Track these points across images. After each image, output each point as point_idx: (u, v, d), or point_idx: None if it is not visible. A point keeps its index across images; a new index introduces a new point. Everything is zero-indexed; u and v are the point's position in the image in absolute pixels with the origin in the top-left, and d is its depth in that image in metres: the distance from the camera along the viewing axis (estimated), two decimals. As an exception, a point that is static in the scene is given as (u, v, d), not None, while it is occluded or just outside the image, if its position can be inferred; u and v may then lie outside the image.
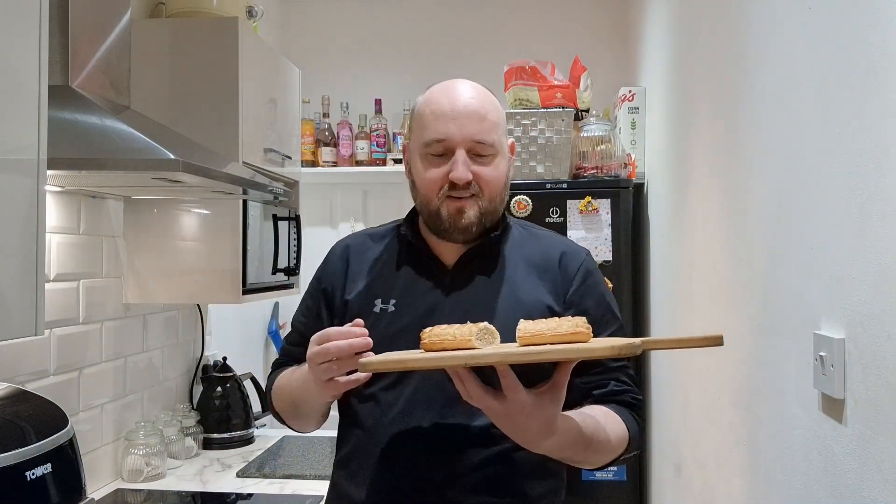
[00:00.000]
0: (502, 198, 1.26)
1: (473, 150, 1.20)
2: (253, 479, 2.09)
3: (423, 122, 1.23)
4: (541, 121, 2.79)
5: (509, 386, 0.96)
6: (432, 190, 1.21)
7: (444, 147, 1.20)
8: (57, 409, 1.24)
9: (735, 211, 1.68)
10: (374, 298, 1.25)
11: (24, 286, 1.13)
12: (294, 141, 2.65)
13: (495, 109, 1.24)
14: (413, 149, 1.27)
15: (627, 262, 2.73)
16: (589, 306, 1.24)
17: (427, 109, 1.23)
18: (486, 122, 1.21)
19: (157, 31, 2.16)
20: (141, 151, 1.46)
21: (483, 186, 1.21)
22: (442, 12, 3.53)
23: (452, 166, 1.19)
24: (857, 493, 1.06)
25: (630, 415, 1.21)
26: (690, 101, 2.16)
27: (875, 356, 1.01)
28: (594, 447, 1.11)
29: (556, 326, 0.96)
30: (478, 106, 1.22)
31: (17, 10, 1.14)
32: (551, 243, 1.32)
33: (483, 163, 1.21)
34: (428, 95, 1.26)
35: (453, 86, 1.25)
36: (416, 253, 1.28)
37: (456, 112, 1.20)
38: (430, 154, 1.21)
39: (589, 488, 2.72)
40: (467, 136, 1.19)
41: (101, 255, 2.03)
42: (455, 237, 1.23)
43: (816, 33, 1.21)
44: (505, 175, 1.25)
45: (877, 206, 1.01)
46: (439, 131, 1.20)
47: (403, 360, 0.99)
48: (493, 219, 1.25)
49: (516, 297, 1.23)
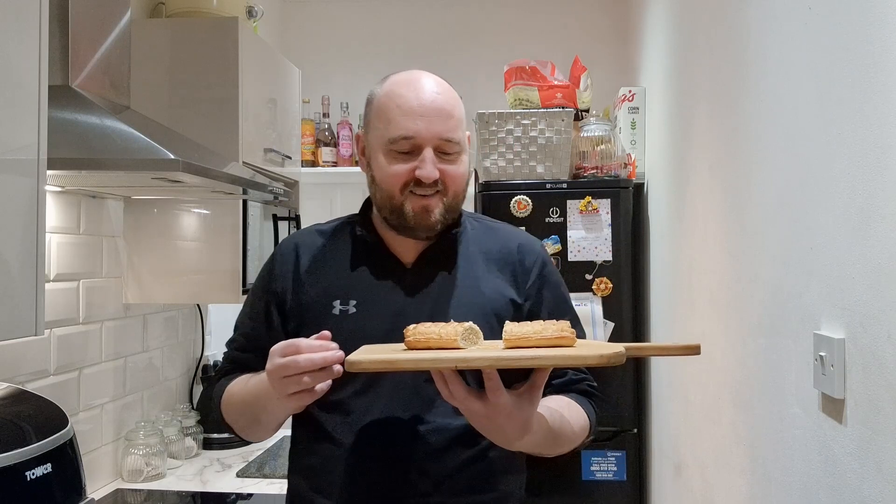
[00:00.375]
0: (465, 194, 1.25)
1: (440, 149, 1.18)
2: (253, 479, 2.09)
3: (387, 116, 1.19)
4: (541, 121, 2.79)
5: (493, 388, 0.95)
6: (396, 186, 1.18)
7: (411, 144, 1.17)
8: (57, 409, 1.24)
9: (735, 211, 1.68)
10: (332, 300, 1.21)
11: (24, 286, 1.13)
12: (294, 141, 2.65)
13: (459, 105, 1.23)
14: (374, 143, 1.22)
15: (627, 262, 2.73)
16: (546, 297, 1.27)
17: (392, 103, 1.19)
18: (452, 119, 1.19)
19: (157, 31, 2.16)
20: (141, 151, 1.46)
21: (448, 184, 1.19)
22: (442, 12, 3.53)
23: (420, 164, 1.16)
24: (857, 493, 1.06)
25: (588, 403, 1.24)
26: (690, 101, 2.16)
27: (875, 356, 1.01)
28: (560, 440, 1.13)
29: (542, 330, 0.97)
30: (444, 102, 1.19)
31: (17, 10, 1.14)
32: (507, 236, 1.32)
33: (449, 160, 1.19)
34: (391, 88, 1.22)
35: (418, 80, 1.21)
36: (372, 251, 1.25)
37: (424, 108, 1.17)
38: (395, 150, 1.18)
39: (589, 488, 2.72)
40: (435, 134, 1.16)
41: (101, 255, 2.03)
42: (419, 234, 1.21)
43: (816, 33, 1.21)
44: (468, 171, 1.25)
45: (877, 206, 1.01)
46: (408, 128, 1.16)
47: (393, 360, 0.95)
48: (454, 215, 1.24)
49: (479, 292, 1.22)
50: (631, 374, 2.74)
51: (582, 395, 1.24)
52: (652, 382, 2.75)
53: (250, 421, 1.21)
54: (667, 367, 2.50)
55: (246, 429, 1.24)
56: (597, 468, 2.72)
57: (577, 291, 2.71)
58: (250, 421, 1.21)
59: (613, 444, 2.72)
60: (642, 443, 2.81)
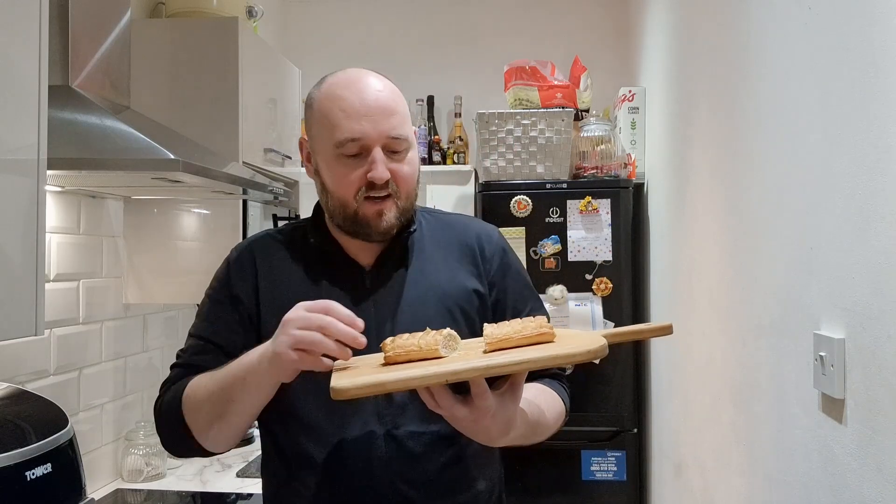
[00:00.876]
0: (416, 192, 1.22)
1: (388, 147, 1.15)
2: (253, 479, 2.09)
3: (330, 119, 1.15)
4: (541, 121, 2.79)
5: (479, 394, 0.94)
6: (349, 193, 1.15)
7: (359, 146, 1.13)
8: (57, 409, 1.24)
9: (735, 211, 1.68)
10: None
11: (24, 286, 1.13)
12: (294, 141, 2.65)
13: (402, 100, 1.20)
14: (320, 148, 1.18)
15: (627, 262, 2.73)
16: (509, 284, 1.27)
17: (333, 106, 1.15)
18: (397, 115, 1.16)
19: (157, 31, 2.16)
20: (141, 151, 1.46)
21: (400, 185, 1.16)
22: (442, 12, 3.53)
23: (371, 166, 1.13)
24: (857, 493, 1.06)
25: (561, 387, 1.24)
26: (690, 101, 2.16)
27: (875, 356, 1.01)
28: (539, 430, 1.12)
29: (522, 329, 0.97)
30: (387, 100, 1.16)
31: (17, 10, 1.14)
32: (464, 227, 1.30)
33: (398, 159, 1.16)
34: (330, 90, 1.17)
35: (358, 79, 1.18)
36: (329, 257, 1.22)
37: (368, 108, 1.13)
38: (343, 155, 1.14)
39: (589, 488, 2.72)
40: (382, 132, 1.13)
41: (101, 255, 2.03)
42: (374, 238, 1.19)
43: (816, 33, 1.21)
44: (418, 167, 1.22)
45: (877, 206, 1.01)
46: (353, 130, 1.13)
47: (382, 382, 0.89)
48: (408, 215, 1.21)
49: (440, 286, 1.21)
50: (631, 373, 2.74)
51: (553, 379, 1.25)
52: (652, 382, 2.75)
53: (215, 415, 1.09)
54: (667, 367, 2.50)
55: (207, 427, 1.11)
56: (597, 468, 2.72)
57: (577, 291, 2.71)
58: (215, 415, 1.09)
59: (613, 444, 2.72)
60: (642, 443, 2.81)
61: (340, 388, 0.88)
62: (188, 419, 1.12)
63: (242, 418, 1.10)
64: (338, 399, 0.88)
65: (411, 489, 1.14)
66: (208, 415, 1.10)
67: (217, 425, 1.11)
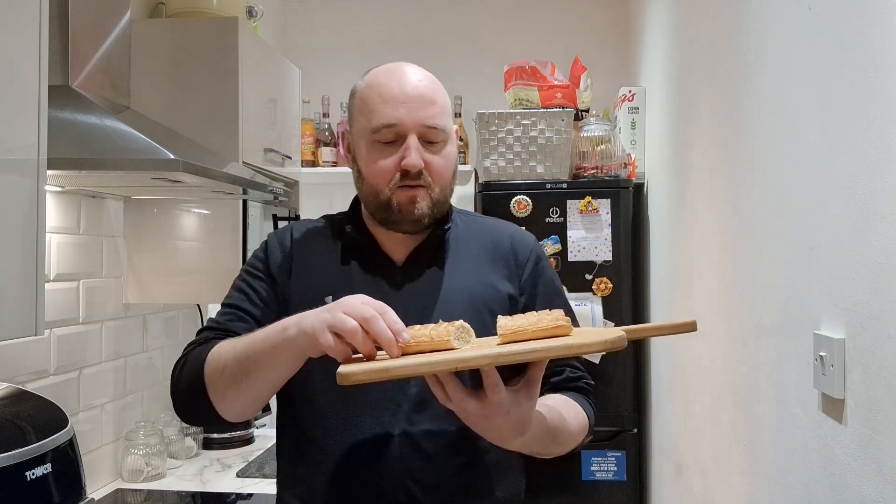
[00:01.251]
0: (452, 187, 1.21)
1: (424, 136, 1.15)
2: (253, 479, 2.09)
3: (369, 106, 1.16)
4: (541, 121, 2.79)
5: (491, 385, 0.90)
6: (383, 180, 1.15)
7: (394, 133, 1.14)
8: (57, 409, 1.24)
9: (735, 211, 1.68)
10: (324, 295, 1.15)
11: (24, 286, 1.13)
12: (294, 141, 2.65)
13: (443, 93, 1.20)
14: (357, 136, 1.19)
15: (627, 262, 2.73)
16: (539, 291, 1.25)
17: (373, 93, 1.16)
18: (436, 105, 1.16)
19: (157, 31, 2.16)
20: (141, 151, 1.46)
21: (434, 176, 1.16)
22: (442, 12, 3.53)
23: (405, 153, 1.13)
24: (857, 493, 1.06)
25: (587, 402, 1.20)
26: (690, 101, 2.16)
27: (875, 356, 1.01)
28: (559, 440, 1.08)
29: (537, 321, 0.92)
30: (426, 88, 1.16)
31: (17, 10, 1.14)
32: (499, 230, 1.30)
33: (434, 150, 1.16)
34: (372, 79, 1.19)
35: (400, 69, 1.19)
36: (362, 249, 1.22)
37: (406, 95, 1.14)
38: (378, 141, 1.15)
39: (589, 488, 2.72)
40: (418, 120, 1.13)
41: (101, 255, 2.03)
42: (405, 228, 1.18)
43: (816, 33, 1.21)
44: (455, 163, 1.21)
45: (877, 206, 1.01)
46: (390, 116, 1.13)
47: (388, 367, 0.87)
48: (442, 209, 1.20)
49: (471, 288, 1.19)
50: (631, 373, 2.74)
51: (579, 394, 1.21)
52: (652, 382, 2.75)
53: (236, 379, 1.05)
54: (667, 367, 2.50)
55: (225, 390, 1.07)
56: (597, 468, 2.72)
57: (577, 291, 2.71)
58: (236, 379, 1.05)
59: (613, 444, 2.72)
60: (642, 443, 2.81)
61: (346, 372, 0.87)
62: (208, 378, 1.08)
63: (262, 387, 1.06)
64: (343, 384, 0.86)
65: (420, 491, 1.11)
66: (230, 377, 1.06)
67: (236, 390, 1.06)
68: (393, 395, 1.13)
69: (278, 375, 1.04)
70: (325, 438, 1.14)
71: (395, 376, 0.89)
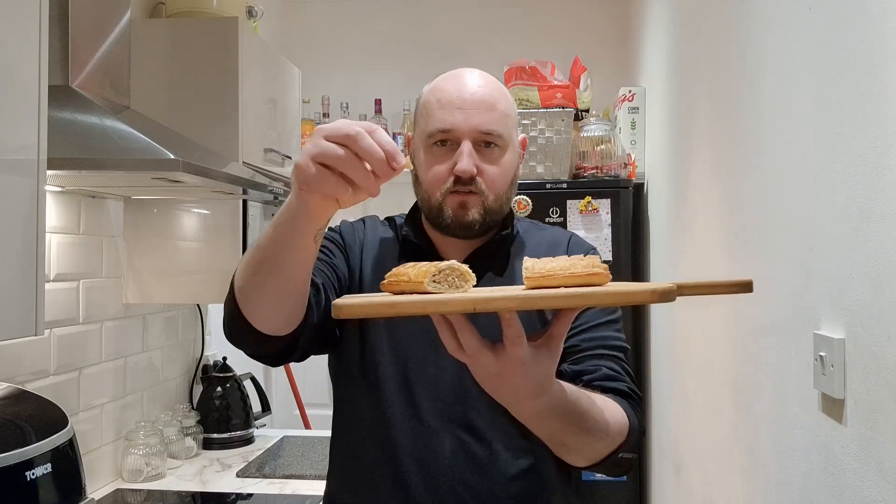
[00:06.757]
0: (508, 196, 1.19)
1: (480, 142, 1.13)
2: (253, 479, 2.09)
3: (428, 111, 1.16)
4: (541, 121, 2.79)
5: (513, 336, 0.78)
6: (436, 185, 1.14)
7: (448, 137, 1.13)
8: (57, 409, 1.24)
9: (735, 211, 1.68)
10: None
11: (24, 286, 1.13)
12: (294, 141, 2.65)
13: (505, 100, 1.17)
14: (418, 140, 1.19)
15: (627, 262, 2.74)
16: None
17: (433, 98, 1.16)
18: (494, 112, 1.14)
19: (157, 31, 2.16)
20: (141, 151, 1.45)
21: (488, 184, 1.13)
22: (442, 12, 3.53)
23: (457, 158, 1.12)
24: (857, 493, 1.06)
25: (629, 405, 1.05)
26: (690, 101, 2.16)
27: (875, 356, 1.01)
28: (588, 426, 0.94)
29: (570, 266, 0.78)
30: (486, 94, 1.14)
31: (17, 10, 1.14)
32: (557, 237, 1.27)
33: (490, 158, 1.14)
34: (435, 84, 1.20)
35: (461, 74, 1.19)
36: (419, 252, 1.20)
37: (463, 101, 1.13)
38: (434, 145, 1.15)
39: (589, 488, 2.72)
40: (474, 126, 1.12)
41: (101, 255, 2.03)
42: (457, 233, 1.16)
43: (816, 33, 1.21)
44: (513, 172, 1.18)
45: (877, 206, 1.01)
46: (445, 121, 1.13)
47: (391, 303, 0.76)
48: (496, 217, 1.18)
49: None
50: (631, 374, 2.74)
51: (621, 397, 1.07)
52: (652, 382, 2.75)
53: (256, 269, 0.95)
54: (667, 367, 2.50)
55: (248, 288, 0.97)
56: (597, 468, 2.72)
57: (577, 291, 2.71)
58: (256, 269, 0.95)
59: (613, 444, 2.72)
60: (642, 443, 2.81)
61: (341, 304, 0.75)
62: (237, 285, 0.99)
63: (277, 279, 0.95)
64: (337, 317, 0.75)
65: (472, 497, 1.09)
66: (251, 271, 0.96)
67: (257, 284, 0.96)
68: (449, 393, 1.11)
69: (288, 262, 0.93)
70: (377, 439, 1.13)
71: (397, 313, 0.78)
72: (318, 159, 0.80)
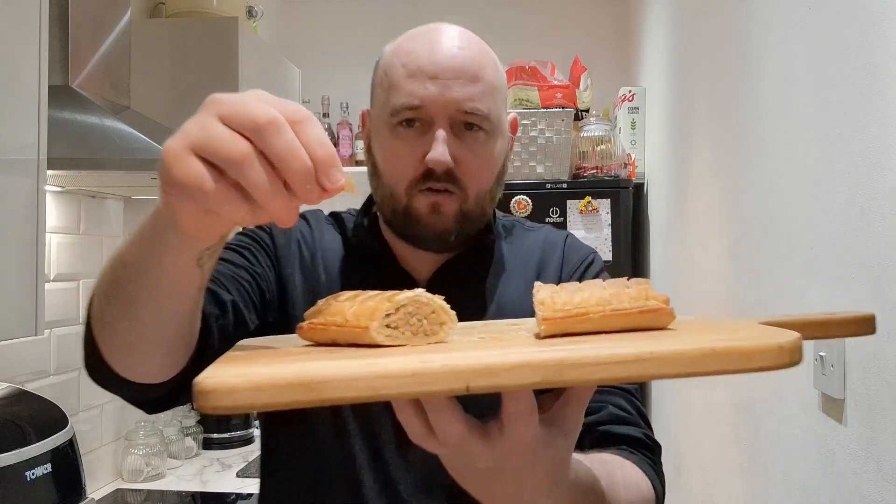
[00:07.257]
0: (493, 195, 0.91)
1: (460, 123, 0.85)
2: (253, 479, 2.09)
3: (391, 80, 0.86)
4: (541, 121, 2.79)
5: (520, 415, 0.50)
6: (400, 179, 0.86)
7: (417, 117, 0.85)
8: (57, 409, 1.25)
9: (735, 211, 1.68)
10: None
11: (24, 286, 1.13)
12: (294, 141, 2.65)
13: (493, 67, 0.89)
14: (376, 118, 0.90)
15: (627, 262, 2.73)
16: None
17: (397, 62, 0.86)
18: (479, 83, 0.85)
19: (157, 31, 2.16)
20: (141, 151, 1.46)
21: (466, 180, 0.85)
22: (442, 12, 3.53)
23: (430, 145, 0.83)
24: (858, 493, 1.06)
25: (650, 465, 0.84)
26: (690, 101, 2.16)
27: (875, 356, 1.01)
28: None
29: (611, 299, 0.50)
30: (468, 60, 0.86)
31: (17, 10, 1.14)
32: (554, 232, 1.02)
33: (472, 145, 0.85)
34: (399, 43, 0.90)
35: (436, 32, 0.89)
36: (376, 262, 0.93)
37: (438, 68, 0.84)
38: (398, 126, 0.86)
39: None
40: (452, 101, 0.83)
41: (101, 255, 2.03)
42: (428, 244, 0.89)
43: (816, 33, 1.21)
44: (500, 163, 0.90)
45: (877, 206, 1.01)
46: (413, 94, 0.84)
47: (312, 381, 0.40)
48: (474, 224, 0.90)
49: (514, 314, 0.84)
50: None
51: (638, 454, 0.85)
52: (652, 382, 2.75)
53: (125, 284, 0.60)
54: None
55: (113, 306, 0.62)
56: (597, 468, 2.72)
57: (577, 291, 2.71)
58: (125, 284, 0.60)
59: (613, 444, 2.72)
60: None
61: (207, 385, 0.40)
62: (93, 307, 0.65)
63: (143, 312, 0.60)
64: (202, 410, 0.41)
65: None
66: (103, 292, 0.63)
67: (112, 314, 0.62)
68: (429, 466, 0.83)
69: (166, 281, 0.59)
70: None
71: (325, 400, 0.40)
72: (199, 151, 0.49)
